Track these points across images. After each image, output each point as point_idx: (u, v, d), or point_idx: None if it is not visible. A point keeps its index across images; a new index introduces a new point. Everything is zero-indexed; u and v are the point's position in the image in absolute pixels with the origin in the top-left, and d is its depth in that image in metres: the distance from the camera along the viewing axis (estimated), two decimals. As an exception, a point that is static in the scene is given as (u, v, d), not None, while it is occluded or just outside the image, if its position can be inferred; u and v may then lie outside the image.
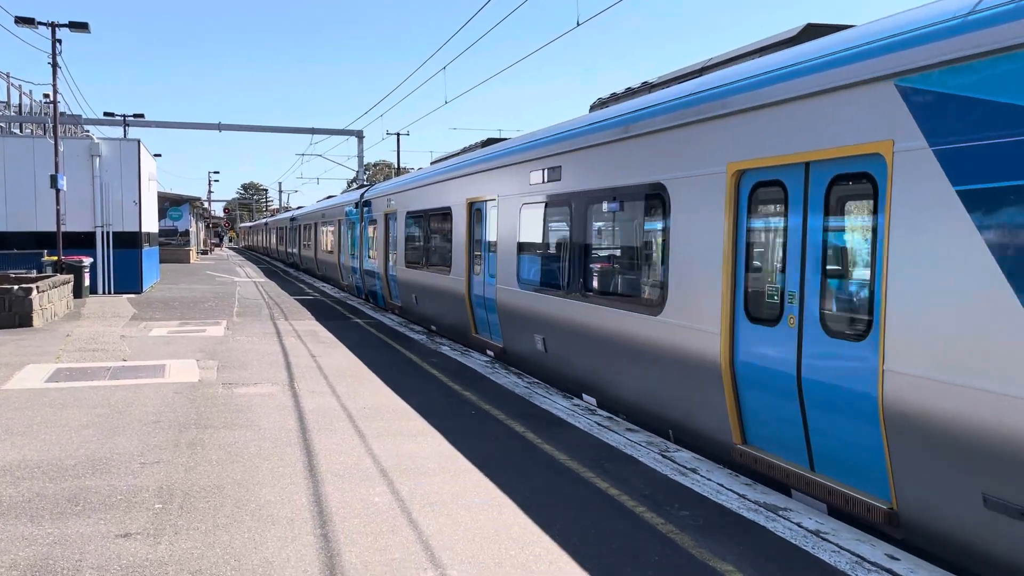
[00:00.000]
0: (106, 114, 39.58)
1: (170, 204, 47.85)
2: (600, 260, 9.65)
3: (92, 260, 23.48)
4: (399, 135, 50.13)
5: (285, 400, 9.47)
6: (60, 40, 22.94)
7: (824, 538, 5.27)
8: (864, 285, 5.74)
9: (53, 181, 22.10)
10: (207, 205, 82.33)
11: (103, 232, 24.25)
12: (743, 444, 6.88)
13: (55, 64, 23.05)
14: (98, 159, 24.04)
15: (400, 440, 7.70)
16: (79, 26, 22.58)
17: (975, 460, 4.63)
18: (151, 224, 28.00)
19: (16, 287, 16.04)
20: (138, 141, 24.94)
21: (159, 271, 32.30)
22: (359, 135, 42.88)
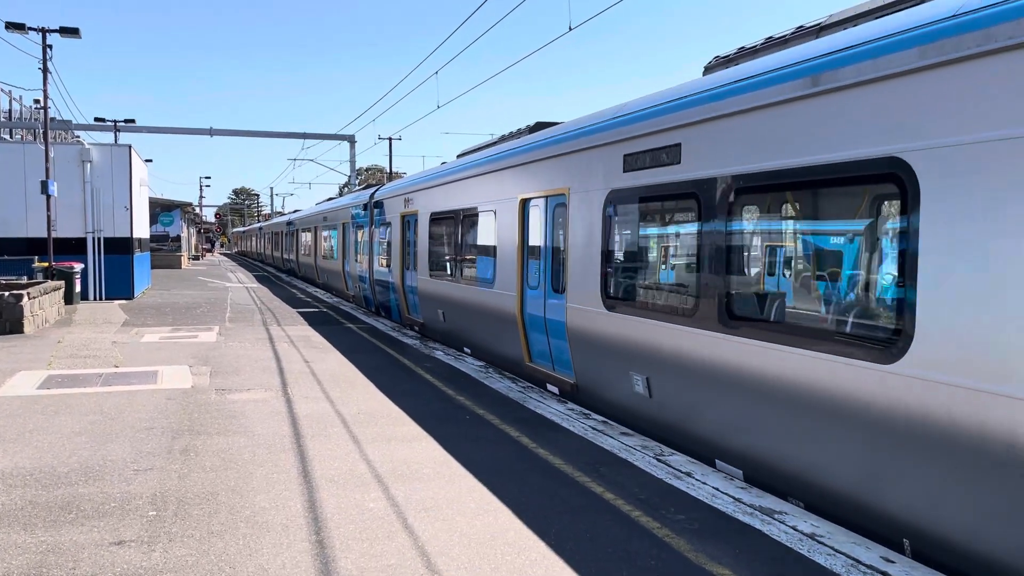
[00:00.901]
0: (97, 119, 39.52)
1: (161, 209, 47.66)
2: (756, 275, 7.00)
3: (83, 266, 23.40)
4: (391, 140, 50.18)
5: (279, 406, 9.44)
6: (51, 45, 22.92)
7: (819, 541, 5.29)
8: None
9: (44, 187, 22.03)
10: (198, 210, 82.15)
11: (94, 238, 24.15)
12: None
13: (46, 69, 22.99)
14: (89, 165, 23.95)
15: (394, 445, 7.69)
16: (70, 31, 22.54)
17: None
18: (142, 230, 27.91)
19: (7, 293, 15.95)
20: (129, 147, 24.86)
21: (150, 277, 32.18)
22: (351, 140, 42.92)
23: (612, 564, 4.92)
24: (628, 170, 8.42)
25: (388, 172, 54.69)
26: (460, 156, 16.33)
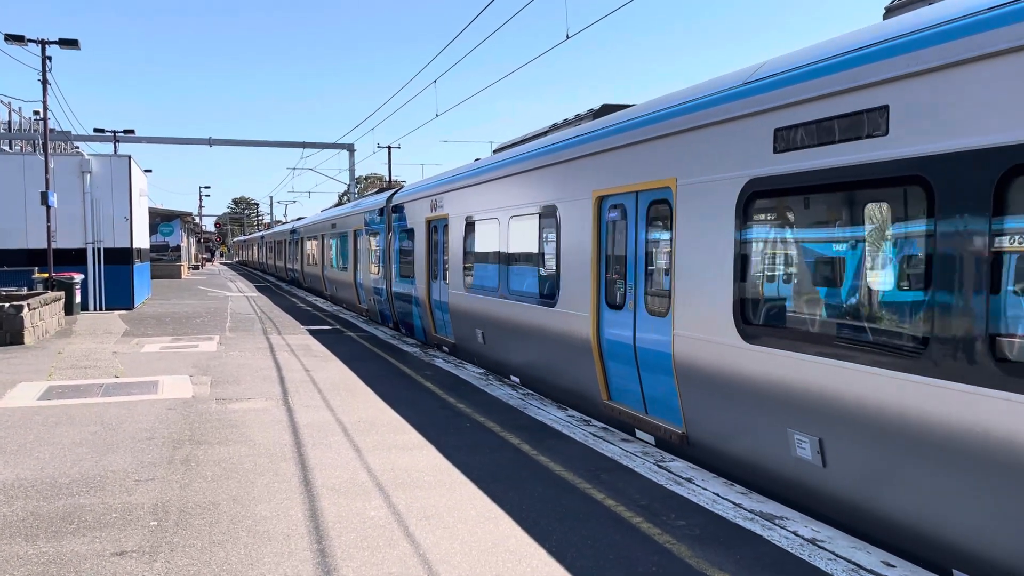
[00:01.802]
0: (96, 130, 39.53)
1: (161, 219, 47.75)
2: None
3: (83, 276, 23.43)
4: (390, 148, 50.24)
5: (279, 415, 9.45)
6: (50, 57, 22.97)
7: (820, 546, 5.30)
8: None
9: (43, 198, 22.08)
10: (198, 220, 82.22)
11: (94, 248, 24.20)
12: None
13: (45, 81, 23.05)
14: (88, 175, 24.03)
15: (395, 453, 7.70)
16: (69, 43, 22.59)
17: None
18: (142, 240, 27.95)
19: (7, 305, 15.97)
20: (128, 157, 24.94)
21: (150, 287, 32.21)
22: (350, 148, 43.02)
23: (613, 571, 4.93)
24: (783, 150, 6.26)
25: (388, 180, 54.78)
26: (498, 151, 14.18)
